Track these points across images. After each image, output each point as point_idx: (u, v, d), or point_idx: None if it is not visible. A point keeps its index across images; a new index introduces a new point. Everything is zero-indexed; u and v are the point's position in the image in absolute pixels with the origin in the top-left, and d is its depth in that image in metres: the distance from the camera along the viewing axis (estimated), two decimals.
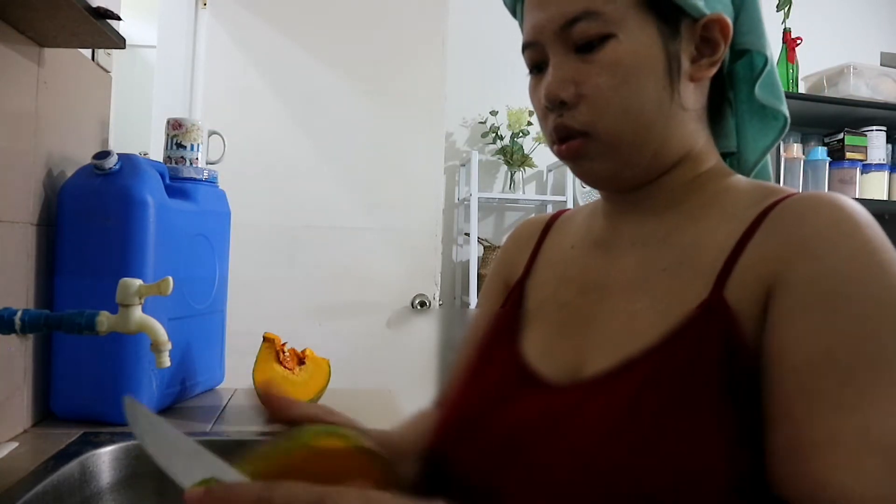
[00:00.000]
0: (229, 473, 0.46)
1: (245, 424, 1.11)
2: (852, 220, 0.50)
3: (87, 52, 1.22)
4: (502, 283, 0.73)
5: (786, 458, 0.47)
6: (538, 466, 0.53)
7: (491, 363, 0.64)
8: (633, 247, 0.61)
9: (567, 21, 0.56)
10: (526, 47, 0.61)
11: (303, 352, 1.26)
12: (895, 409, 0.45)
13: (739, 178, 0.61)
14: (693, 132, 0.60)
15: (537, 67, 0.61)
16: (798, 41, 2.50)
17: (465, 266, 2.72)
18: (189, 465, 0.46)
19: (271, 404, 0.55)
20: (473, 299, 2.53)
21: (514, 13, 0.65)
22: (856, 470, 0.44)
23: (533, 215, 2.85)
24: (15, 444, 0.94)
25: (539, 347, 0.61)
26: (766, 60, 0.62)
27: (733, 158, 0.67)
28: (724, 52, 0.59)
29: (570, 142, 0.58)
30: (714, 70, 0.59)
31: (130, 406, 0.51)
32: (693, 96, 0.59)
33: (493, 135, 2.63)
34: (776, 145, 0.67)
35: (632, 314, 0.56)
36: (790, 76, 2.53)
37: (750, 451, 0.48)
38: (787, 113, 0.64)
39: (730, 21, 0.58)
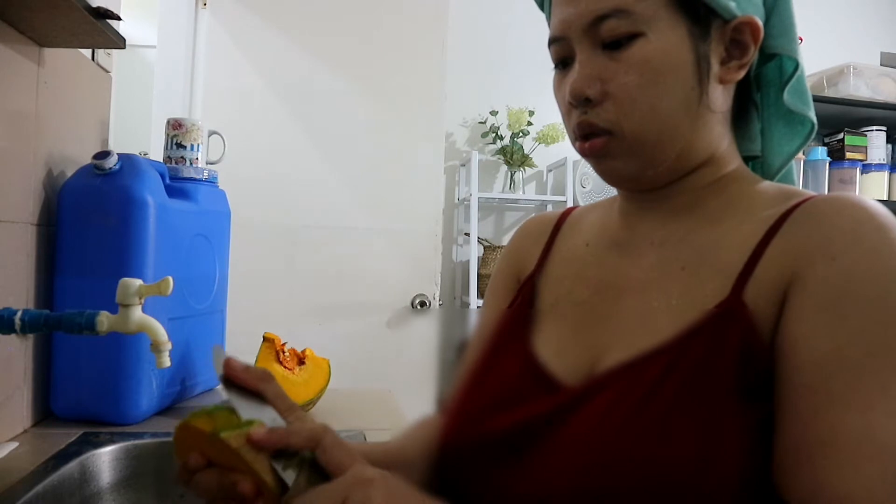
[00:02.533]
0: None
1: None
2: (874, 221, 0.50)
3: (87, 52, 1.22)
4: (512, 278, 0.72)
5: (789, 457, 0.47)
6: (547, 459, 0.53)
7: (502, 362, 0.64)
8: (652, 247, 0.61)
9: (596, 17, 0.55)
10: (552, 42, 0.60)
11: (303, 352, 1.26)
12: None
13: (760, 181, 0.61)
14: (718, 135, 0.60)
15: (563, 62, 0.60)
16: (798, 41, 2.50)
17: (465, 266, 2.72)
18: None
19: (229, 367, 0.56)
20: (473, 299, 2.53)
21: (541, 6, 0.65)
22: (855, 472, 0.44)
23: (533, 215, 2.86)
24: (15, 444, 0.94)
25: (553, 346, 0.61)
26: (796, 65, 0.61)
27: (757, 162, 0.67)
28: (753, 54, 0.58)
29: (593, 140, 0.58)
30: (743, 72, 0.59)
31: (217, 353, 0.56)
32: (721, 98, 0.59)
33: (493, 135, 2.63)
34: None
35: (648, 312, 0.56)
36: None
37: (764, 451, 0.48)
38: (814, 119, 0.63)
39: (761, 23, 0.58)
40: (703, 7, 0.56)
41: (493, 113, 2.67)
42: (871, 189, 2.59)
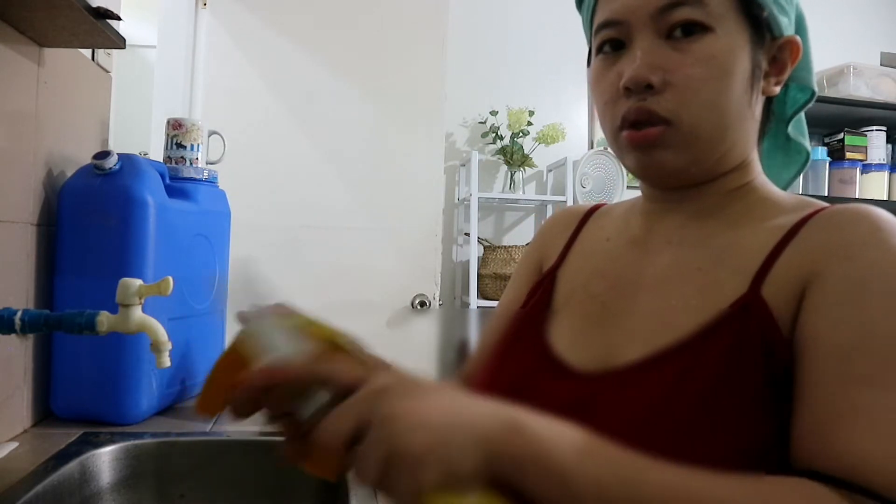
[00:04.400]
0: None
1: (245, 424, 1.11)
2: (888, 230, 0.52)
3: (87, 52, 1.22)
4: (534, 266, 0.74)
5: (813, 431, 0.48)
6: None
7: (518, 352, 0.65)
8: (669, 246, 0.62)
9: (669, 3, 0.56)
10: (607, 25, 0.59)
11: None
12: None
13: (779, 192, 0.63)
14: (753, 142, 0.62)
15: (612, 47, 0.60)
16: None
17: (465, 266, 2.72)
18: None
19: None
20: (473, 299, 2.53)
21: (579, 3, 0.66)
22: (882, 441, 0.45)
23: (533, 215, 2.86)
24: (15, 444, 0.94)
25: (567, 338, 0.62)
26: (811, 94, 0.64)
27: None
28: (788, 73, 0.61)
29: (648, 128, 0.57)
30: (778, 89, 0.61)
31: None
32: (758, 108, 0.61)
33: (493, 135, 2.63)
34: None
35: (665, 309, 0.57)
36: None
37: (786, 442, 0.50)
38: (809, 148, 0.66)
39: (801, 46, 0.60)
40: (765, 19, 0.58)
41: (493, 113, 2.67)
42: (870, 189, 2.59)
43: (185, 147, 1.32)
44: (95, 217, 1.07)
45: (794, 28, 0.63)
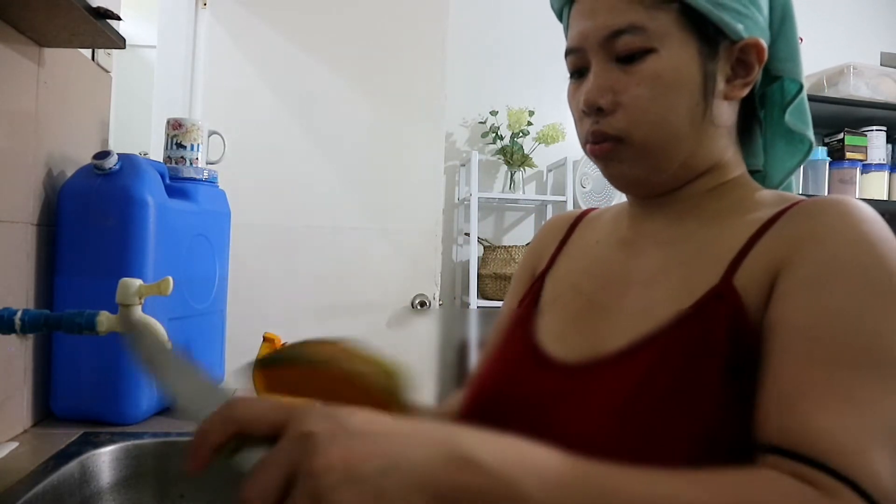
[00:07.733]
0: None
1: None
2: (858, 216, 0.53)
3: (87, 52, 1.22)
4: (528, 273, 0.77)
5: (775, 409, 0.49)
6: (550, 440, 0.54)
7: (507, 348, 0.68)
8: (656, 246, 0.64)
9: (612, 32, 0.59)
10: (569, 53, 0.64)
11: None
12: (877, 378, 0.48)
13: (761, 189, 0.64)
14: (722, 147, 0.63)
15: (578, 72, 0.64)
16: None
17: (465, 266, 2.72)
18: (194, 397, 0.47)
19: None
20: (473, 299, 2.53)
21: (559, 17, 0.68)
22: (840, 418, 0.46)
23: (533, 215, 2.86)
24: (15, 444, 0.94)
25: (553, 332, 0.65)
26: (799, 87, 0.65)
27: (759, 176, 0.70)
28: (757, 74, 0.62)
29: (602, 144, 0.61)
30: (747, 90, 0.62)
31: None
32: (725, 114, 0.62)
33: (493, 135, 2.63)
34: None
35: (649, 303, 0.59)
36: None
37: (747, 420, 0.51)
38: (812, 139, 0.67)
39: (765, 45, 0.61)
40: (713, 28, 0.59)
41: (493, 113, 2.67)
42: (870, 189, 2.59)
43: (185, 147, 1.32)
44: (95, 217, 1.07)
45: (772, 24, 0.64)
